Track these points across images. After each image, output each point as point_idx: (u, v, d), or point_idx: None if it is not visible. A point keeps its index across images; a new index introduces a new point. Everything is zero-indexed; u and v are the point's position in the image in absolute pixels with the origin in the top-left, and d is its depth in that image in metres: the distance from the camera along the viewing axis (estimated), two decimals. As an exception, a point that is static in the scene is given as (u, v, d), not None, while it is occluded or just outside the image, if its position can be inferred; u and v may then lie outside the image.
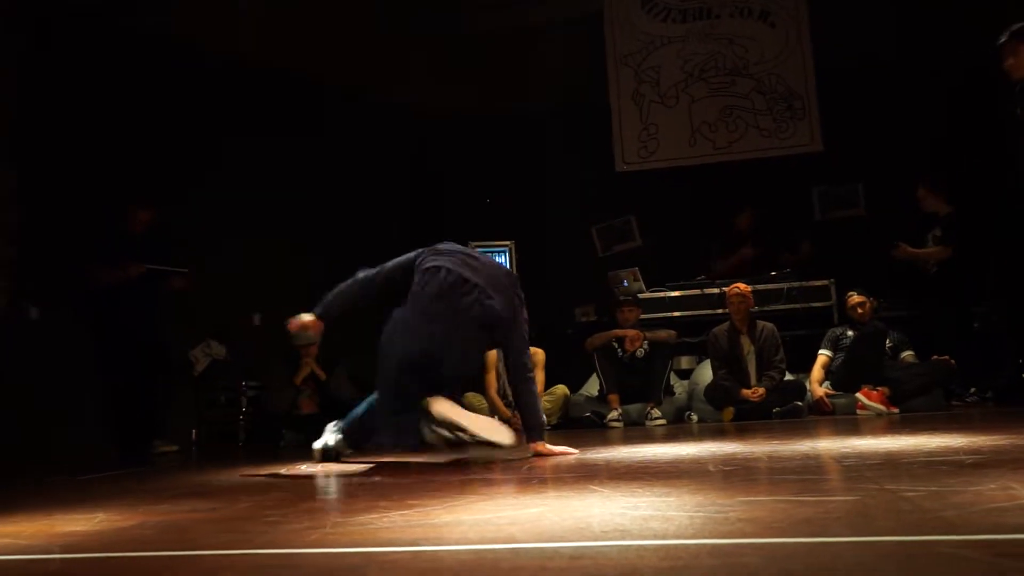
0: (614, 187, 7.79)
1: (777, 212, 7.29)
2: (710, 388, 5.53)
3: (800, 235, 7.09)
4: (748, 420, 5.23)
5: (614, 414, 5.56)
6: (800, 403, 5.40)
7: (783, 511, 1.48)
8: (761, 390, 5.40)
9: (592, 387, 6.04)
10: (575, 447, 3.44)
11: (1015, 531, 1.19)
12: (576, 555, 1.20)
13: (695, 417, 5.66)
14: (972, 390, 5.44)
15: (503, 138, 8.03)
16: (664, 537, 1.30)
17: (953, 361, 5.38)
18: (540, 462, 2.93)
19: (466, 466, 2.97)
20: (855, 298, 5.63)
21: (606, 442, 4.07)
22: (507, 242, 7.01)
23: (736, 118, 7.64)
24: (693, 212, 7.51)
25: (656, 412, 5.55)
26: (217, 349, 6.14)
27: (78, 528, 1.82)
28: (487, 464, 2.90)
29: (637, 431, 4.98)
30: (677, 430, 4.92)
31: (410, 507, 1.84)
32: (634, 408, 5.65)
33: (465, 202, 7.88)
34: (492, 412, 5.98)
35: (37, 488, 3.13)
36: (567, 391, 5.97)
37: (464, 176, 8.05)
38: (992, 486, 1.64)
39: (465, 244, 6.97)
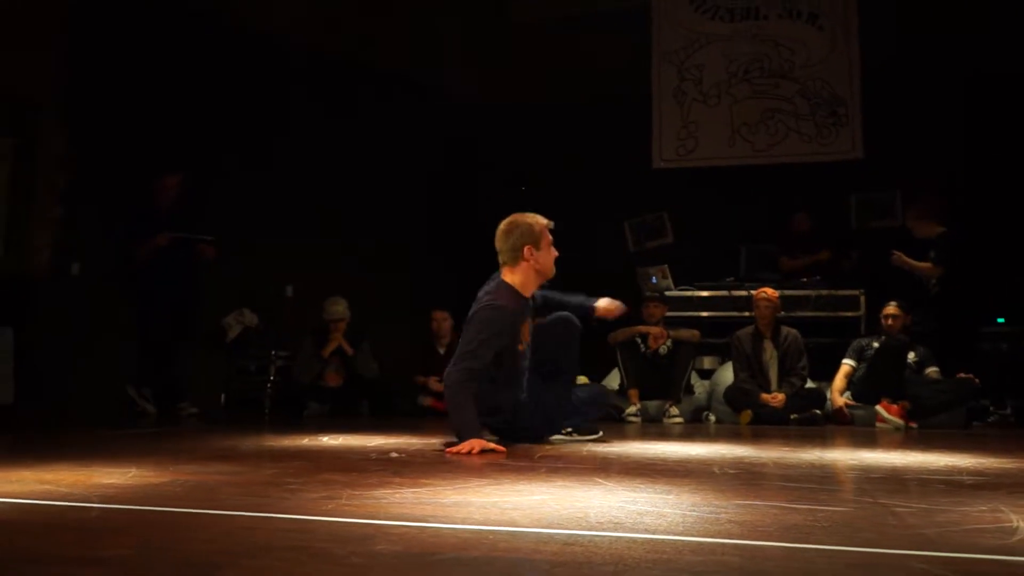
0: (650, 182, 7.81)
1: (814, 218, 7.28)
2: (730, 390, 5.57)
3: (850, 242, 7.09)
4: (765, 424, 5.27)
5: (632, 409, 5.63)
6: (819, 411, 5.42)
7: (773, 516, 1.55)
8: (781, 396, 5.43)
9: (613, 381, 6.11)
10: (600, 439, 3.51)
11: (987, 552, 1.26)
12: (569, 541, 1.29)
13: (713, 418, 5.71)
14: (992, 408, 5.43)
15: (539, 127, 8.09)
16: (654, 532, 1.38)
17: (978, 380, 5.36)
18: (553, 452, 3.02)
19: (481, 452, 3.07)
20: (890, 309, 5.62)
21: (622, 436, 4.15)
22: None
23: (778, 121, 7.61)
24: (727, 213, 7.52)
25: (674, 410, 5.61)
26: (250, 317, 6.32)
27: (113, 481, 1.95)
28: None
29: (654, 427, 5.05)
30: (693, 429, 4.98)
31: (422, 485, 1.95)
32: (653, 404, 5.71)
33: (500, 190, 7.95)
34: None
35: (78, 440, 3.29)
36: (586, 381, 6.03)
37: (499, 164, 8.13)
38: (982, 508, 1.70)
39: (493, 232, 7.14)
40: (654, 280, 6.86)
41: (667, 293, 6.46)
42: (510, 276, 3.44)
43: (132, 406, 5.30)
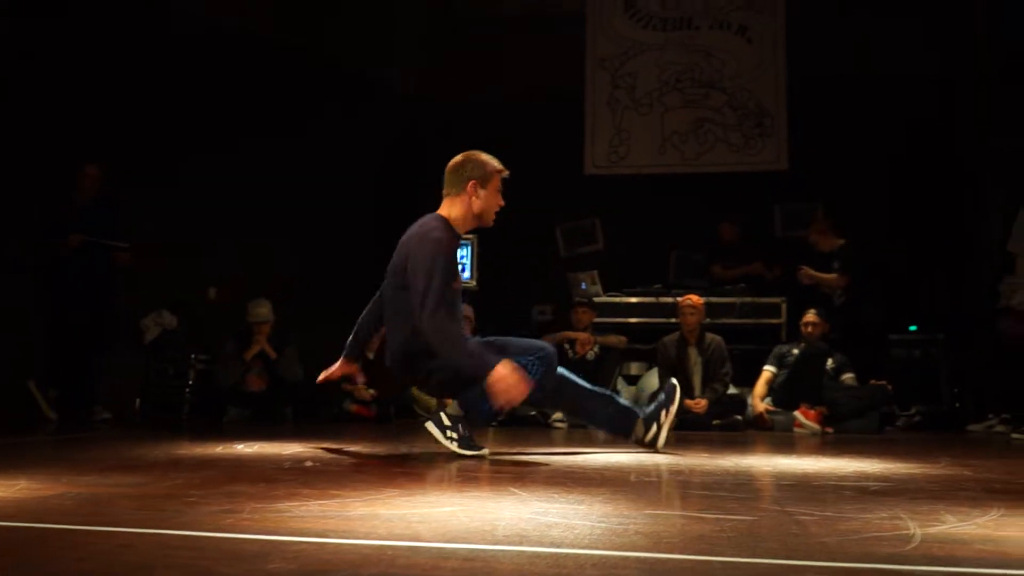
0: (582, 188, 7.87)
1: (740, 227, 7.44)
2: (655, 396, 5.62)
3: (774, 251, 7.26)
4: (688, 430, 5.33)
5: (559, 415, 5.64)
6: (740, 417, 5.53)
7: (681, 527, 1.55)
8: (704, 402, 5.51)
9: (540, 384, 6.10)
10: (518, 446, 3.50)
11: (882, 561, 1.27)
12: (470, 557, 1.26)
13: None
14: (899, 412, 5.63)
15: (477, 127, 8.05)
16: (560, 545, 1.36)
17: (890, 386, 5.55)
18: (471, 464, 2.99)
19: (405, 458, 3.02)
20: (810, 316, 5.76)
21: (547, 443, 4.15)
22: (470, 235, 7.04)
23: (707, 131, 7.76)
24: (657, 219, 7.62)
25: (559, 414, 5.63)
26: (169, 319, 6.12)
27: (-2, 495, 1.84)
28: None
29: (579, 433, 5.06)
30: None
31: (331, 497, 1.89)
32: (580, 409, 5.72)
33: (433, 192, 7.90)
34: (440, 405, 6.03)
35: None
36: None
37: (437, 162, 8.07)
38: (883, 515, 1.73)
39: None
40: (584, 286, 6.90)
41: (596, 299, 6.50)
42: (447, 208, 3.26)
43: (34, 409, 5.07)
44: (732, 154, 7.67)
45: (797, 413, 5.36)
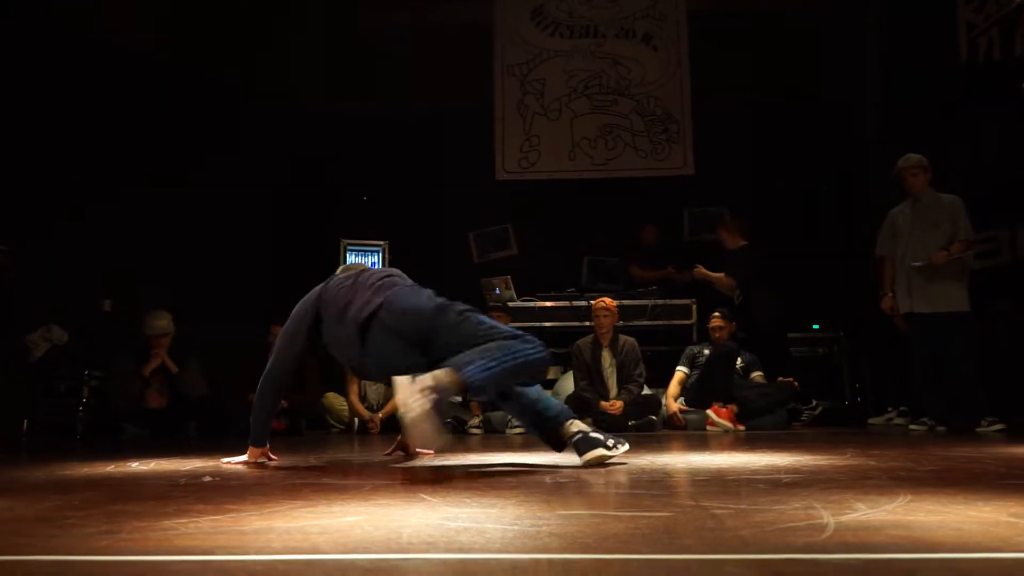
0: (495, 194, 7.84)
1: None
2: (570, 399, 5.62)
3: (684, 255, 7.38)
4: (605, 432, 5.33)
5: (475, 420, 5.57)
6: (655, 417, 5.57)
7: (595, 526, 1.50)
8: (619, 403, 5.53)
9: (456, 392, 6.01)
10: (435, 452, 3.40)
11: (798, 551, 1.24)
12: (371, 567, 1.17)
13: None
14: (801, 407, 5.79)
15: (386, 136, 7.94)
16: (469, 551, 1.28)
17: (797, 383, 5.70)
18: (383, 472, 2.88)
19: (313, 470, 2.88)
20: (716, 320, 5.87)
21: (463, 449, 4.06)
22: (381, 242, 6.92)
23: (615, 136, 7.85)
24: (569, 224, 7.66)
25: (516, 420, 5.57)
26: (59, 334, 5.76)
27: None
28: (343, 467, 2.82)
29: (496, 439, 4.99)
30: (535, 440, 4.95)
31: (225, 512, 1.76)
32: (496, 416, 5.66)
33: (342, 199, 7.72)
34: (352, 415, 5.88)
35: None
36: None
37: (343, 173, 7.90)
38: (797, 505, 1.72)
39: (338, 243, 6.91)
40: (497, 291, 6.85)
41: (510, 304, 6.46)
42: None
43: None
44: (640, 159, 7.78)
45: (710, 412, 5.44)
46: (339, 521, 1.61)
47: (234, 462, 3.16)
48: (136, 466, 3.08)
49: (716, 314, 5.91)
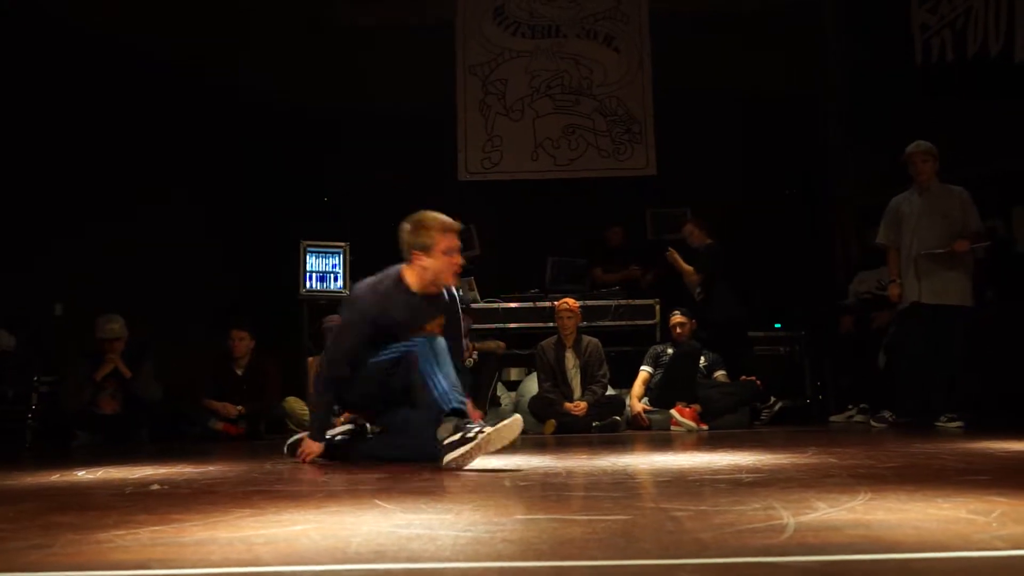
0: (457, 195, 7.77)
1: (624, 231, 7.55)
2: (534, 400, 5.58)
3: (647, 255, 7.38)
4: (569, 433, 5.31)
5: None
6: (619, 418, 5.55)
7: (551, 531, 1.45)
8: (583, 404, 5.50)
9: (418, 395, 5.95)
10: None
11: (757, 553, 1.21)
12: (314, 580, 1.11)
13: (518, 429, 5.68)
14: (763, 407, 5.81)
15: (346, 137, 7.83)
16: (418, 560, 1.23)
17: (759, 382, 5.72)
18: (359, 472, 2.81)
19: (267, 476, 2.80)
20: (676, 317, 5.88)
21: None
22: (342, 244, 6.80)
23: (578, 137, 7.83)
24: (533, 225, 7.62)
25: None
26: (6, 339, 5.57)
27: None
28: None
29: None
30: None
31: (169, 522, 1.68)
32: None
33: (301, 200, 7.60)
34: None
35: None
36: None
37: (302, 173, 7.77)
38: (756, 506, 1.69)
39: (298, 244, 6.79)
40: (460, 292, 6.78)
41: (473, 305, 6.40)
42: (406, 270, 3.34)
43: None
44: (603, 159, 7.77)
45: (673, 411, 5.44)
46: (286, 530, 1.54)
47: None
48: (83, 475, 2.97)
49: (677, 312, 5.92)
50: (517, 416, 2.81)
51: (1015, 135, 5.41)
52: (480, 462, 2.78)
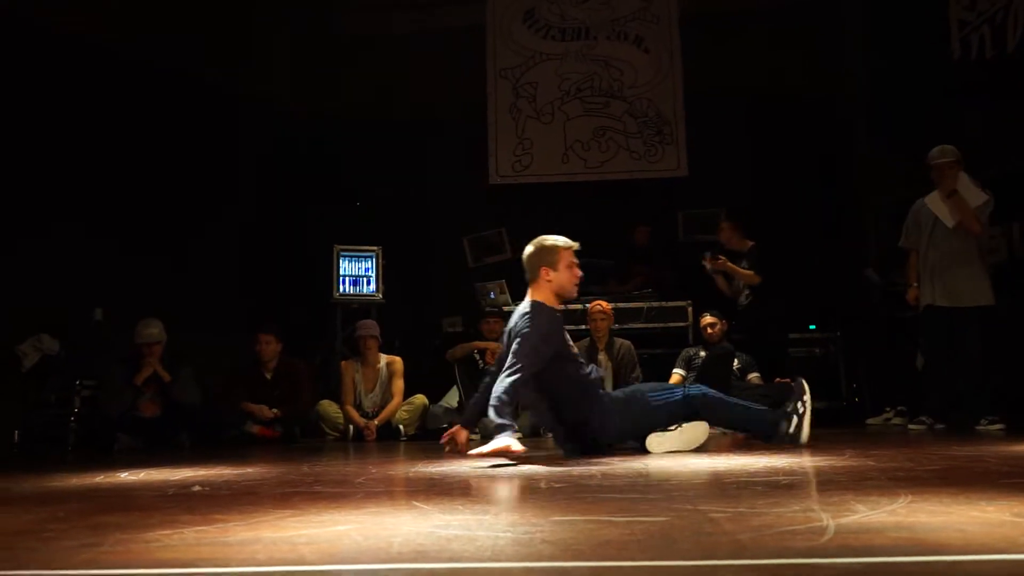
0: (488, 198, 7.81)
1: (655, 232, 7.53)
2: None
3: (677, 255, 7.34)
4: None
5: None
6: (651, 420, 5.52)
7: (589, 532, 1.46)
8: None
9: (452, 398, 5.99)
10: (431, 458, 3.38)
11: (797, 555, 1.21)
12: (358, 579, 1.13)
13: (551, 433, 5.68)
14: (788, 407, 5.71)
15: (378, 142, 7.91)
16: (459, 560, 1.24)
17: (793, 384, 5.64)
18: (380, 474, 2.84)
19: (306, 478, 2.84)
20: (707, 319, 5.84)
21: (459, 454, 4.01)
22: (374, 247, 6.87)
23: (608, 139, 7.82)
24: (563, 227, 7.61)
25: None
26: (49, 344, 5.70)
27: None
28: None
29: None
30: (532, 444, 4.91)
31: (212, 522, 1.72)
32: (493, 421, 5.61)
33: (335, 205, 7.67)
34: (348, 422, 5.83)
35: None
36: (426, 401, 5.89)
37: (335, 179, 7.86)
38: (795, 508, 1.69)
39: (331, 249, 6.86)
40: (492, 295, 6.82)
41: (505, 308, 6.41)
42: (534, 293, 3.60)
43: None
44: (634, 161, 7.74)
45: (707, 414, 5.39)
46: (328, 531, 1.57)
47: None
48: (125, 476, 3.04)
49: (708, 314, 5.88)
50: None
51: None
52: (519, 465, 2.78)
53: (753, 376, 5.79)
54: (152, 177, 6.46)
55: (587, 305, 6.07)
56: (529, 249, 3.63)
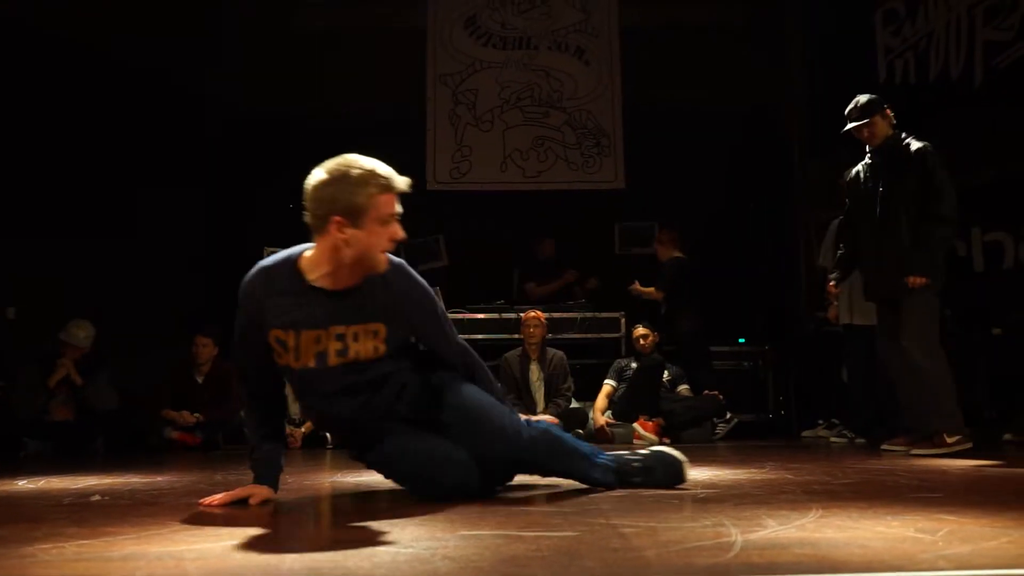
0: (425, 204, 7.72)
1: (581, 244, 7.54)
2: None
3: (612, 267, 7.37)
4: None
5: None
6: (581, 431, 5.51)
7: (495, 548, 1.41)
8: (548, 417, 5.46)
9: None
10: (355, 467, 3.28)
11: (697, 572, 1.19)
12: (238, 599, 1.06)
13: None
14: (719, 421, 5.79)
15: (315, 141, 7.75)
16: (352, 577, 1.18)
17: (721, 396, 5.73)
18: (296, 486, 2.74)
19: (216, 487, 2.73)
20: (639, 330, 5.88)
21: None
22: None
23: (547, 149, 7.82)
24: (501, 236, 7.59)
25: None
26: (-44, 344, 5.42)
27: None
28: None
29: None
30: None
31: (99, 536, 1.62)
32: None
33: (266, 205, 7.50)
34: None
35: None
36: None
37: (267, 178, 7.68)
38: (707, 523, 1.67)
39: (261, 249, 6.69)
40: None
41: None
42: (311, 250, 2.24)
43: None
44: (571, 172, 7.77)
45: (636, 425, 5.42)
46: (221, 545, 1.49)
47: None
48: (23, 484, 2.88)
49: (640, 325, 5.92)
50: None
51: (974, 151, 5.46)
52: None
53: (683, 388, 5.84)
54: (74, 172, 6.21)
55: (520, 314, 6.05)
56: (322, 174, 2.17)
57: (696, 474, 2.88)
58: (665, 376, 5.83)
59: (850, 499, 2.08)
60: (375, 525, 1.72)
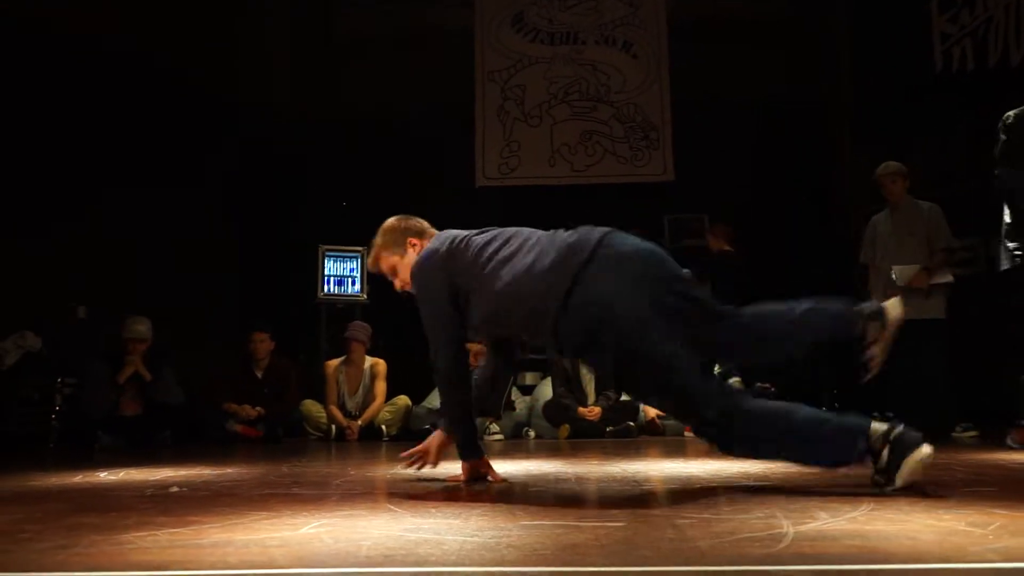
0: (474, 201, 7.83)
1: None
2: (548, 405, 5.62)
3: None
4: (583, 438, 5.34)
5: (495, 427, 5.56)
6: (632, 423, 5.57)
7: (555, 537, 1.49)
8: (597, 409, 5.53)
9: (434, 399, 5.99)
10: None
11: (753, 562, 1.25)
12: (324, 583, 1.16)
13: (532, 433, 5.73)
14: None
15: (363, 144, 7.92)
16: (424, 564, 1.27)
17: (774, 388, 5.71)
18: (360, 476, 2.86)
19: (284, 479, 2.86)
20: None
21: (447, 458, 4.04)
22: (359, 248, 6.88)
23: (595, 143, 7.86)
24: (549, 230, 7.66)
25: (495, 427, 5.58)
26: (32, 341, 5.69)
27: None
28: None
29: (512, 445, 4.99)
30: (513, 446, 4.97)
31: (187, 524, 1.74)
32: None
33: (320, 205, 7.68)
34: (331, 422, 5.84)
35: None
36: (409, 402, 5.92)
37: (321, 179, 7.87)
38: (759, 514, 1.73)
39: (316, 249, 6.88)
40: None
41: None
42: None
43: None
44: (620, 165, 7.79)
45: (687, 418, 5.44)
46: (300, 533, 1.60)
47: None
48: (105, 476, 3.05)
49: None
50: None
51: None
52: (500, 467, 2.79)
53: (734, 380, 5.83)
54: (136, 174, 6.45)
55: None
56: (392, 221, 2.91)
57: (749, 466, 2.93)
58: (716, 368, 5.83)
59: (902, 493, 2.10)
60: (440, 515, 1.81)
